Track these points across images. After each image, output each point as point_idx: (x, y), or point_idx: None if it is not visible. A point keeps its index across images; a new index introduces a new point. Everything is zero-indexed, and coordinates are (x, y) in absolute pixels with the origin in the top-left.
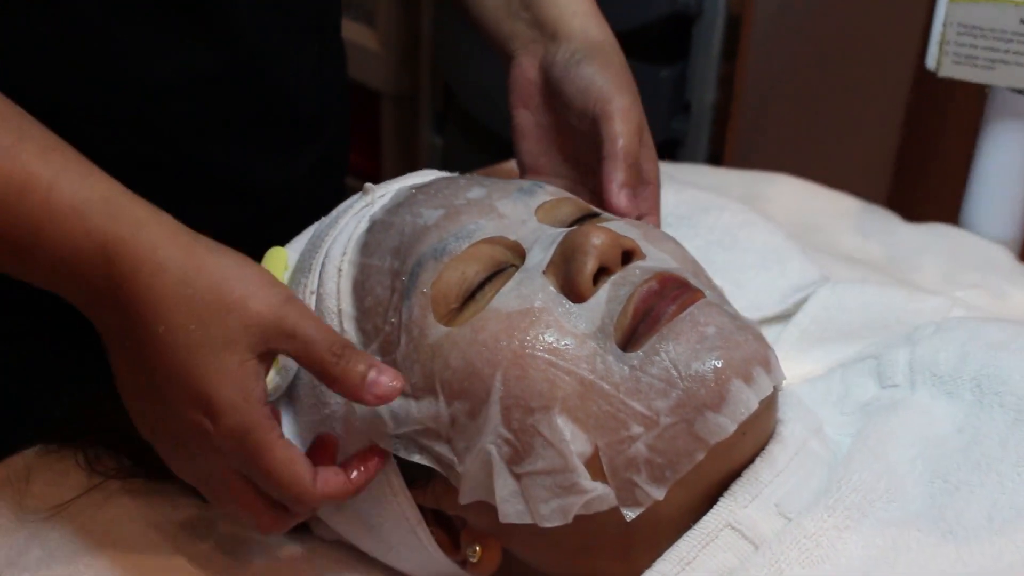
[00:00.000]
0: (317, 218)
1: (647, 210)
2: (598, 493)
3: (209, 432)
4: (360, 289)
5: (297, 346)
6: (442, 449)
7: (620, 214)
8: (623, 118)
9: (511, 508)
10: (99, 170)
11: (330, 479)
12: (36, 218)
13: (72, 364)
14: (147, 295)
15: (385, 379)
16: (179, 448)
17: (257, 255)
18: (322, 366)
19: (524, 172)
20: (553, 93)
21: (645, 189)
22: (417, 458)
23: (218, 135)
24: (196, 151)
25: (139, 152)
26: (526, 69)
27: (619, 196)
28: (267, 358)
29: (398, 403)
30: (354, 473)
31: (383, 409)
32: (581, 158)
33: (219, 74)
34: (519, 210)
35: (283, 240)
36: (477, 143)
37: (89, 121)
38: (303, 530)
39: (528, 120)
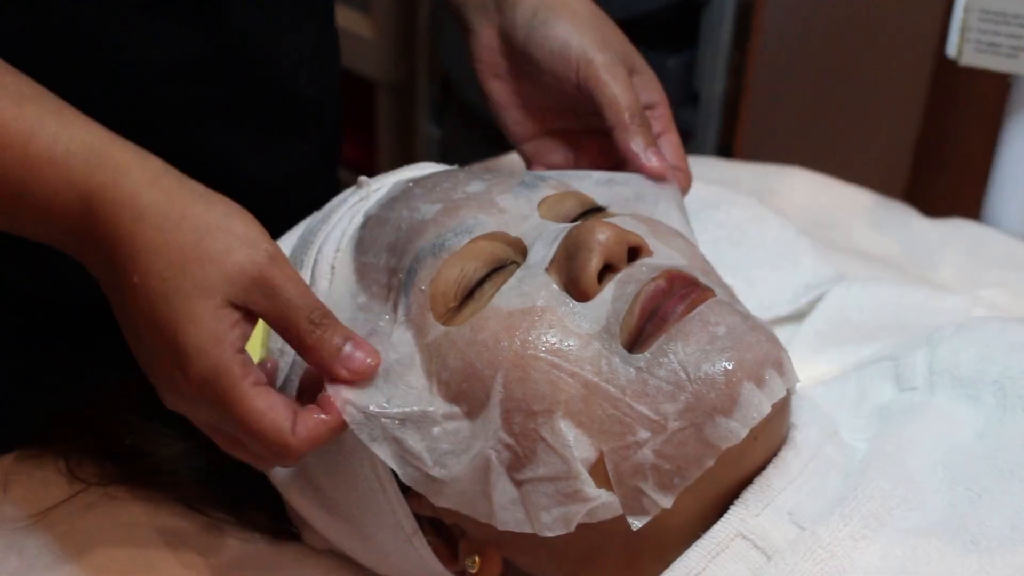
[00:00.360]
0: (309, 213)
1: (662, 129)
2: (602, 501)
3: (181, 383)
4: (354, 287)
5: (275, 307)
6: (415, 446)
7: (657, 175)
8: (612, 75)
9: (510, 516)
10: (80, 116)
11: (309, 421)
12: (17, 174)
13: (52, 367)
14: (126, 243)
15: (360, 355)
16: (167, 400)
17: None
18: (297, 332)
19: (517, 141)
20: (521, 59)
21: (655, 111)
22: (376, 448)
23: (208, 124)
24: (184, 141)
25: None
26: (485, 38)
27: (649, 158)
28: (245, 313)
29: (382, 386)
30: (332, 412)
31: (360, 385)
32: (569, 114)
33: (209, 59)
34: (520, 205)
35: (274, 235)
36: (476, 135)
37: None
38: (293, 538)
39: (502, 90)
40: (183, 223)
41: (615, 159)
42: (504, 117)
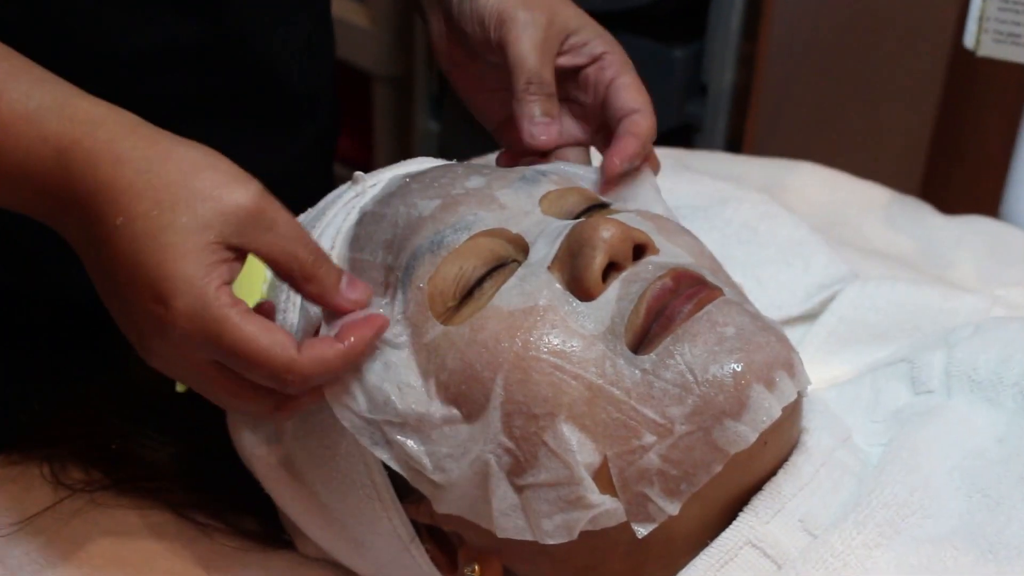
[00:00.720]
0: (303, 209)
1: (615, 73)
2: (606, 508)
3: (165, 322)
4: None
5: (275, 240)
6: (415, 450)
7: (542, 148)
8: (524, 34)
9: (510, 523)
10: (52, 75)
11: (315, 343)
12: None
13: (36, 369)
14: (106, 188)
15: (359, 287)
16: (151, 352)
17: None
18: (299, 264)
19: (489, 128)
20: (463, 41)
21: (602, 60)
22: (379, 452)
23: (198, 117)
24: (174, 131)
25: None
26: (436, 28)
27: (531, 129)
28: (237, 255)
29: (379, 388)
30: (349, 340)
31: (355, 384)
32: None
33: (200, 49)
34: (521, 200)
35: None
36: (476, 129)
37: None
38: (286, 546)
39: (462, 78)
40: (167, 164)
41: (594, 124)
42: (471, 105)
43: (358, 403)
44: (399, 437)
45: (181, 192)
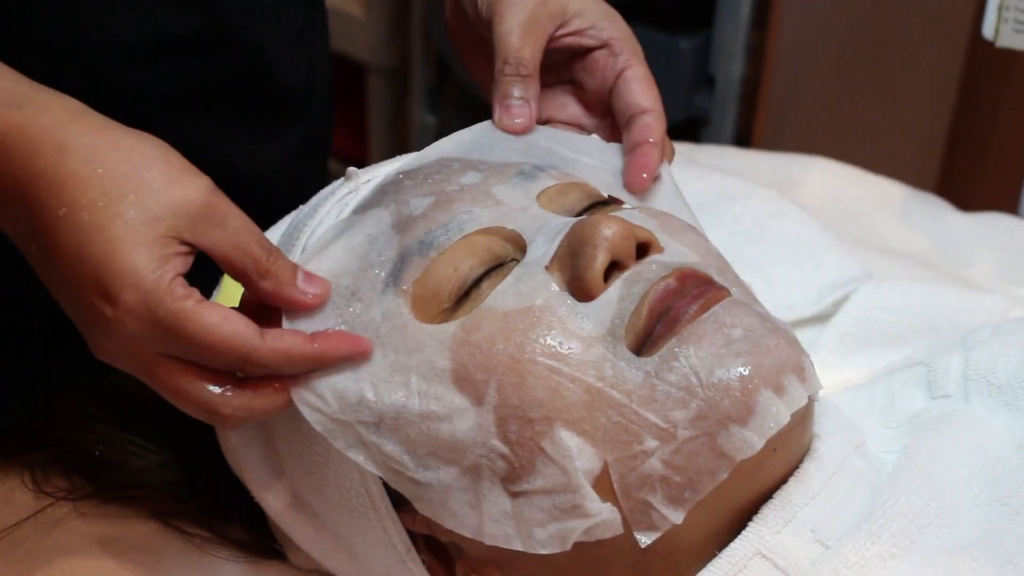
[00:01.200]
0: (295, 206)
1: (624, 63)
2: (603, 518)
3: (111, 318)
4: None
5: (226, 236)
6: (393, 450)
7: (513, 132)
8: (507, 13)
9: (499, 530)
10: (1, 65)
11: (283, 335)
12: None
13: (17, 370)
14: (47, 176)
15: (316, 281)
16: (96, 346)
17: None
18: (253, 259)
19: None
20: (470, 22)
21: (612, 47)
22: (353, 454)
23: (189, 109)
24: (163, 126)
25: None
26: (449, 7)
27: (497, 111)
28: (190, 250)
29: (351, 388)
30: (316, 345)
31: (324, 385)
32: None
33: (189, 41)
34: (518, 196)
35: None
36: (474, 122)
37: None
38: (276, 556)
39: (473, 58)
40: (115, 154)
41: (599, 110)
42: (480, 87)
43: (328, 404)
44: (374, 438)
45: (130, 184)
